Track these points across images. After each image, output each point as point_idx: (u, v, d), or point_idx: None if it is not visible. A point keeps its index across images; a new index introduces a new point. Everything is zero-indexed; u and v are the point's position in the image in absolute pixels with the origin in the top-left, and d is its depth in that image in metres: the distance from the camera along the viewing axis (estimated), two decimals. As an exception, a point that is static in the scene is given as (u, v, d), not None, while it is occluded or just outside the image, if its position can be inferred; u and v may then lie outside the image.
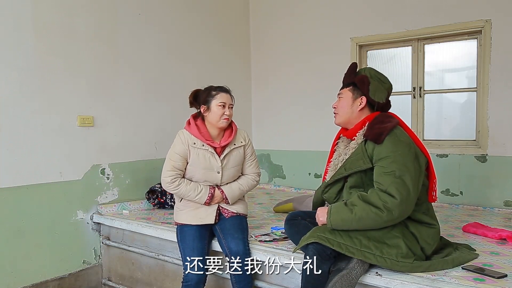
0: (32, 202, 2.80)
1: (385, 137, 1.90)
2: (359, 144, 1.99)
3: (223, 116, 2.33)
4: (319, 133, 4.08)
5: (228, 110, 2.35)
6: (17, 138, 2.72)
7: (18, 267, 2.72)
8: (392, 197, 1.81)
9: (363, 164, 1.94)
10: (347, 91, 2.10)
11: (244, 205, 2.54)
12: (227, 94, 2.39)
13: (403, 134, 1.96)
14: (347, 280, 1.77)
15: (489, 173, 3.34)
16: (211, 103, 2.34)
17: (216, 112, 2.33)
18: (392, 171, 1.84)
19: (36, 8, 2.80)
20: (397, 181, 1.82)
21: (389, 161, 1.86)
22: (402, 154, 1.88)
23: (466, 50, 3.57)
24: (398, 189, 1.81)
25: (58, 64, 2.92)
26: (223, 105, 2.33)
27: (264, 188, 4.40)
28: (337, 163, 2.15)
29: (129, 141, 3.34)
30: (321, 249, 1.82)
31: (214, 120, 2.35)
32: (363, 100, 2.06)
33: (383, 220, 1.82)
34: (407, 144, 1.92)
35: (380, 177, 1.87)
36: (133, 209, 3.30)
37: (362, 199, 1.86)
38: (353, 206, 1.86)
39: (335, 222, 1.87)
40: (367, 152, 1.94)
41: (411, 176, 1.85)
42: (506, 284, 1.72)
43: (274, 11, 4.48)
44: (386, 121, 1.97)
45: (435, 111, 3.74)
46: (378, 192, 1.84)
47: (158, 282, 2.84)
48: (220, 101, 2.34)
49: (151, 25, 3.54)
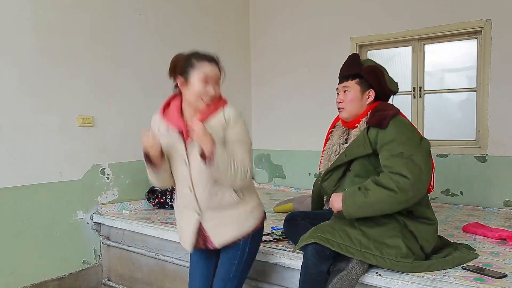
0: (32, 202, 2.80)
1: (388, 122, 1.90)
2: (361, 131, 1.99)
3: (204, 95, 1.74)
4: (319, 133, 4.04)
5: (212, 88, 1.75)
6: (17, 138, 2.72)
7: (18, 267, 2.72)
8: (404, 177, 1.78)
9: (363, 150, 1.93)
10: (355, 84, 2.05)
11: (240, 224, 1.84)
12: (213, 65, 1.78)
13: (405, 120, 1.98)
14: (347, 280, 1.77)
15: (489, 173, 3.34)
16: (190, 75, 1.73)
17: (195, 88, 1.72)
18: (400, 152, 1.83)
19: (36, 8, 2.80)
20: (407, 162, 1.81)
21: (395, 144, 1.86)
22: (407, 135, 1.88)
23: (466, 50, 3.57)
24: (409, 168, 1.79)
25: (58, 64, 2.92)
26: (205, 80, 1.73)
27: (264, 188, 4.40)
28: (330, 152, 2.14)
29: (129, 141, 3.34)
30: (320, 249, 1.82)
31: (191, 98, 1.75)
32: (372, 94, 2.04)
33: (398, 201, 1.80)
34: (411, 128, 1.94)
35: (388, 160, 1.85)
36: (133, 209, 3.30)
37: (375, 183, 1.84)
38: (366, 191, 1.83)
39: (350, 209, 1.85)
40: (369, 139, 1.93)
41: (420, 155, 1.84)
42: (506, 284, 1.72)
43: (274, 11, 4.48)
44: (388, 108, 1.99)
45: (435, 111, 3.74)
46: (389, 174, 1.82)
47: (158, 282, 2.84)
48: (202, 74, 1.73)
49: (151, 25, 3.54)
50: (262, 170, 4.60)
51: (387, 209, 1.84)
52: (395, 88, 2.11)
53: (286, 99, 4.40)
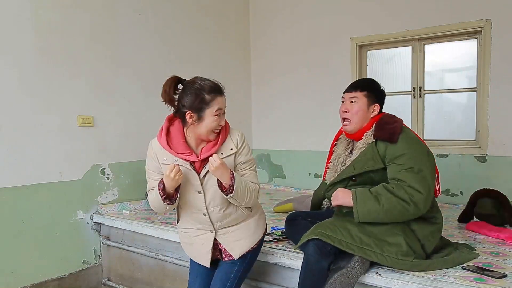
0: (32, 202, 2.80)
1: (398, 136, 1.93)
2: (368, 144, 2.00)
3: (216, 128, 1.76)
4: (319, 133, 4.08)
5: (223, 119, 1.78)
6: (17, 138, 2.72)
7: (18, 267, 2.72)
8: (418, 192, 1.84)
9: (374, 164, 1.95)
10: (363, 96, 2.07)
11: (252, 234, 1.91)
12: (223, 96, 1.78)
13: (411, 132, 2.03)
14: (346, 278, 1.77)
15: (489, 173, 3.34)
16: (205, 112, 1.72)
17: (210, 123, 1.72)
18: (411, 167, 1.88)
19: (36, 8, 2.80)
20: (418, 177, 1.87)
21: (405, 158, 1.90)
22: (417, 151, 1.93)
23: (466, 50, 3.57)
24: (421, 184, 1.86)
25: (58, 64, 2.92)
26: (219, 113, 1.74)
27: (264, 188, 4.40)
28: (336, 164, 2.16)
29: (129, 141, 3.34)
30: (322, 245, 1.83)
31: (204, 132, 1.74)
32: (377, 108, 2.08)
33: (410, 213, 1.86)
34: (419, 141, 1.99)
35: (400, 174, 1.89)
36: (133, 209, 3.30)
37: (388, 191, 1.87)
38: (379, 195, 1.87)
39: (362, 214, 1.87)
40: (378, 153, 1.95)
41: (428, 171, 1.91)
42: (506, 284, 1.72)
43: (274, 11, 4.48)
44: (393, 121, 2.01)
45: (435, 111, 3.74)
46: (404, 186, 1.86)
47: (158, 282, 2.84)
48: (217, 109, 1.73)
49: (151, 25, 3.54)
50: (262, 170, 4.60)
51: (397, 218, 1.88)
52: None
53: (286, 99, 4.40)
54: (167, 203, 1.76)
